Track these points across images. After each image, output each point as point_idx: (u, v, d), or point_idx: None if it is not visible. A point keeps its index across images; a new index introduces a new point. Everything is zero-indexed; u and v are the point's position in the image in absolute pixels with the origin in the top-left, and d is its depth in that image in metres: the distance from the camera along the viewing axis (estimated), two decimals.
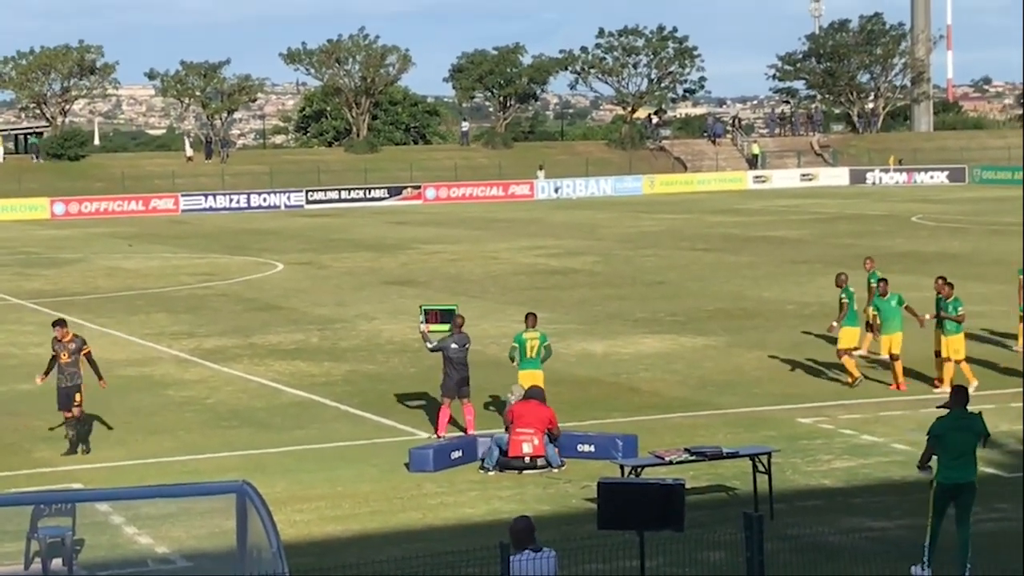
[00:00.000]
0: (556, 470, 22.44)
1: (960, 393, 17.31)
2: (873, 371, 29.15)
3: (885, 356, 28.29)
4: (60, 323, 25.42)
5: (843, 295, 29.00)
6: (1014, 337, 32.57)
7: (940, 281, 28.43)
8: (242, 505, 13.45)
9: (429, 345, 25.34)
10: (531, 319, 25.80)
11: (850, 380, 28.31)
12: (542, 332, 25.74)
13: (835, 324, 29.06)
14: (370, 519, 20.10)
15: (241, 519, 13.49)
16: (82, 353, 24.95)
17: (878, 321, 28.77)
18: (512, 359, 25.50)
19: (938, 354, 28.14)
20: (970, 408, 17.21)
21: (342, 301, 44.09)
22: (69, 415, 24.63)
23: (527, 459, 22.51)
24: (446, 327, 25.50)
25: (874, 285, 30.18)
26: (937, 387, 27.51)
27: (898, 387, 27.88)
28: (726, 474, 21.42)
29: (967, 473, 16.90)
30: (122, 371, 32.38)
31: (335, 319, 39.99)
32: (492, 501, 20.94)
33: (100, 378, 25.18)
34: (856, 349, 28.89)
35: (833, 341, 29.25)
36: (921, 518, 18.79)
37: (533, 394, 23.37)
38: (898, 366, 28.03)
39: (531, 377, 24.99)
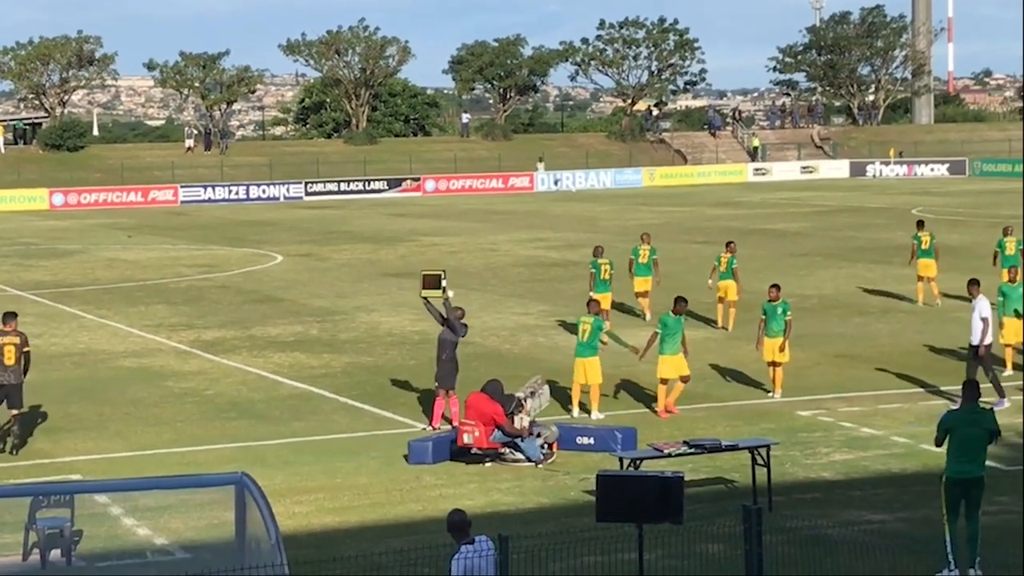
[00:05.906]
0: (539, 466, 22.26)
1: (971, 388, 17.28)
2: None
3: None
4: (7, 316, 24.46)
5: (604, 263, 35.33)
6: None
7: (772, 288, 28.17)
8: (241, 497, 13.45)
9: (431, 312, 25.64)
10: (592, 305, 27.00)
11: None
12: (596, 318, 26.25)
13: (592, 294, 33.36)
14: (369, 511, 20.10)
15: (240, 511, 13.50)
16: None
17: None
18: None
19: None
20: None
21: (341, 293, 44.08)
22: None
23: (473, 450, 22.55)
24: (437, 292, 25.56)
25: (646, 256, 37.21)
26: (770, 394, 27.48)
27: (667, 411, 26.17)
28: (725, 467, 21.43)
29: (976, 468, 16.90)
30: (121, 362, 32.40)
31: (334, 311, 39.98)
32: (491, 493, 20.94)
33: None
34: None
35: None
36: (920, 511, 18.86)
37: (488, 388, 23.39)
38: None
39: (580, 365, 25.73)
